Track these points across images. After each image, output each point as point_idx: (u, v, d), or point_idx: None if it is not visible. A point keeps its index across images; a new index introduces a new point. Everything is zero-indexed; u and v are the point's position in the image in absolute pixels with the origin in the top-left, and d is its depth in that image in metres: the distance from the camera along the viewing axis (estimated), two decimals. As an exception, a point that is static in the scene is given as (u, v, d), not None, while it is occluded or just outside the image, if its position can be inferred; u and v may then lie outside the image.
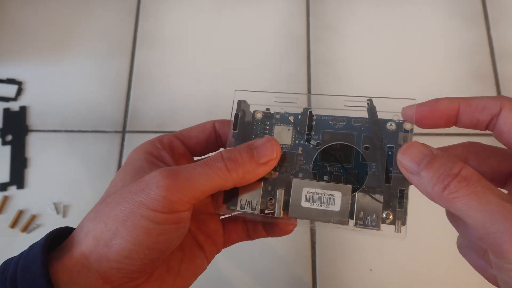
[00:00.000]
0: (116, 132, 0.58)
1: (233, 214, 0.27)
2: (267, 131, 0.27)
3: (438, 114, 0.23)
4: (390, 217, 0.24)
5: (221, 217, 0.30)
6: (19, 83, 0.61)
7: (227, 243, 0.30)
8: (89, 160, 0.56)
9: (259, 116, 0.28)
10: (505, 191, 0.22)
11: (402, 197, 0.24)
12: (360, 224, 0.24)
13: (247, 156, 0.24)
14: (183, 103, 0.59)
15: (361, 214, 0.24)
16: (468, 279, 0.48)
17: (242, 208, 0.26)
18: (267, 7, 0.64)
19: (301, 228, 0.52)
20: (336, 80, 0.59)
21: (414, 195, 0.24)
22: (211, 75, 0.61)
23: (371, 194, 0.24)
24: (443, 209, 0.25)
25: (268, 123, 0.27)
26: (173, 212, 0.22)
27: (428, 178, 0.20)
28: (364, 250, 0.51)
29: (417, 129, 0.61)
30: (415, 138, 0.24)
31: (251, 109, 0.28)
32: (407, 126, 0.25)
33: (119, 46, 0.63)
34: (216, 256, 0.31)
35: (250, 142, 0.25)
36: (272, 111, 0.28)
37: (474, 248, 0.23)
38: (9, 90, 0.61)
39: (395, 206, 0.24)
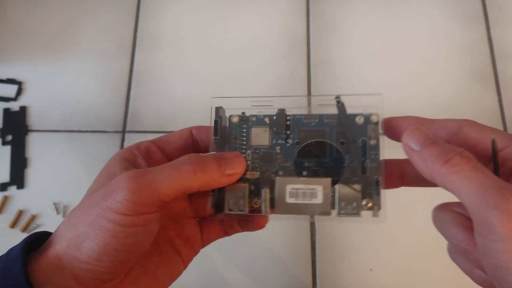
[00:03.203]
0: (116, 132, 0.58)
1: (222, 216, 0.28)
2: (244, 134, 0.28)
3: (402, 129, 0.25)
4: (370, 204, 0.25)
5: (198, 219, 0.31)
6: (19, 83, 0.61)
7: (205, 242, 0.31)
8: (89, 160, 0.56)
9: (235, 120, 0.29)
10: None
11: (378, 184, 0.25)
12: (342, 213, 0.25)
13: (215, 164, 0.25)
14: (183, 103, 0.59)
15: (343, 204, 0.25)
16: (467, 278, 0.48)
17: (230, 210, 0.27)
18: (267, 7, 0.64)
19: (301, 229, 0.52)
20: (336, 80, 0.59)
21: (416, 197, 0.24)
22: (211, 75, 0.61)
23: (349, 184, 0.26)
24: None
25: (245, 126, 0.29)
26: (139, 214, 0.23)
27: (429, 154, 0.21)
28: (364, 250, 0.51)
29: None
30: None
31: (227, 114, 0.29)
32: (374, 118, 0.27)
33: (119, 46, 0.63)
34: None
35: (219, 153, 0.27)
36: (247, 114, 0.29)
37: (460, 251, 0.23)
38: (9, 90, 0.61)
39: (372, 193, 0.25)
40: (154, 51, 0.63)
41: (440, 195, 0.25)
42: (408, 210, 0.52)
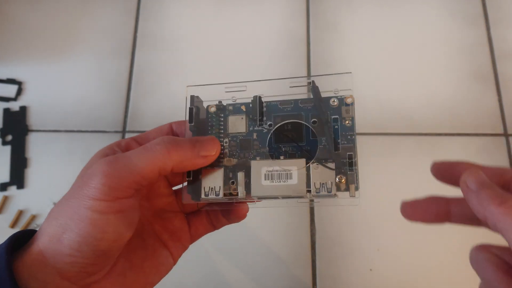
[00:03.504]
0: (116, 132, 0.58)
1: (198, 202, 0.28)
2: (222, 122, 0.29)
3: (458, 173, 0.25)
4: (343, 180, 0.25)
5: (186, 214, 0.31)
6: (19, 83, 0.61)
7: (194, 236, 0.31)
8: (89, 160, 0.56)
9: (213, 110, 0.29)
10: None
11: (352, 162, 0.25)
12: (317, 193, 0.25)
13: (189, 145, 0.26)
14: (183, 103, 0.59)
15: (317, 183, 0.25)
16: (468, 278, 0.48)
17: (206, 195, 0.27)
18: (267, 7, 0.64)
19: (301, 229, 0.52)
20: (336, 80, 0.59)
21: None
22: (211, 75, 0.61)
23: (323, 163, 0.26)
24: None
25: (222, 115, 0.29)
26: (116, 198, 0.23)
27: (486, 194, 0.22)
28: (364, 250, 0.51)
29: (416, 129, 0.61)
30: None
31: (205, 105, 0.30)
32: (348, 100, 0.27)
33: (119, 46, 0.63)
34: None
35: (194, 137, 0.27)
36: (224, 103, 0.29)
37: None
38: (9, 90, 0.61)
39: (346, 170, 0.25)
40: (154, 51, 0.63)
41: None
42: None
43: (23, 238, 0.25)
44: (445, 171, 0.26)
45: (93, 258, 0.23)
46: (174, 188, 0.31)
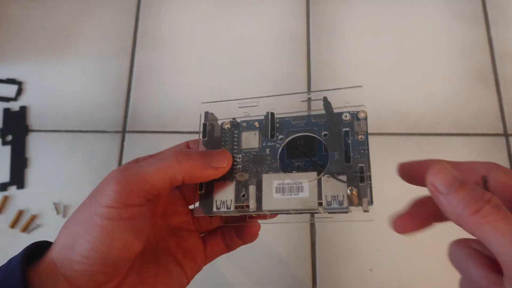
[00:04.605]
0: (116, 132, 0.58)
1: (209, 215, 0.28)
2: (235, 139, 0.29)
3: (425, 170, 0.23)
4: (354, 192, 0.24)
5: (201, 234, 0.31)
6: (19, 83, 0.61)
7: (209, 257, 0.31)
8: (89, 160, 0.56)
9: (227, 127, 0.29)
10: None
11: (363, 175, 0.25)
12: (328, 207, 0.25)
13: (200, 156, 0.26)
14: (183, 103, 0.59)
15: (329, 196, 0.25)
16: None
17: (217, 208, 0.27)
18: (267, 8, 0.64)
19: (301, 229, 0.52)
20: (336, 81, 0.59)
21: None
22: (211, 75, 0.61)
23: (335, 175, 0.25)
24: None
25: (236, 131, 0.29)
26: (126, 206, 0.23)
27: (458, 200, 0.20)
28: (364, 250, 0.51)
29: (416, 129, 0.60)
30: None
31: (219, 122, 0.30)
32: (361, 115, 0.27)
33: (119, 46, 0.63)
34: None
35: (206, 150, 0.27)
36: (238, 120, 0.29)
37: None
38: (9, 90, 0.61)
39: (358, 182, 0.25)
40: (154, 51, 0.63)
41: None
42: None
43: (40, 249, 0.25)
44: (413, 172, 0.25)
45: (102, 266, 0.23)
46: (191, 207, 0.31)
